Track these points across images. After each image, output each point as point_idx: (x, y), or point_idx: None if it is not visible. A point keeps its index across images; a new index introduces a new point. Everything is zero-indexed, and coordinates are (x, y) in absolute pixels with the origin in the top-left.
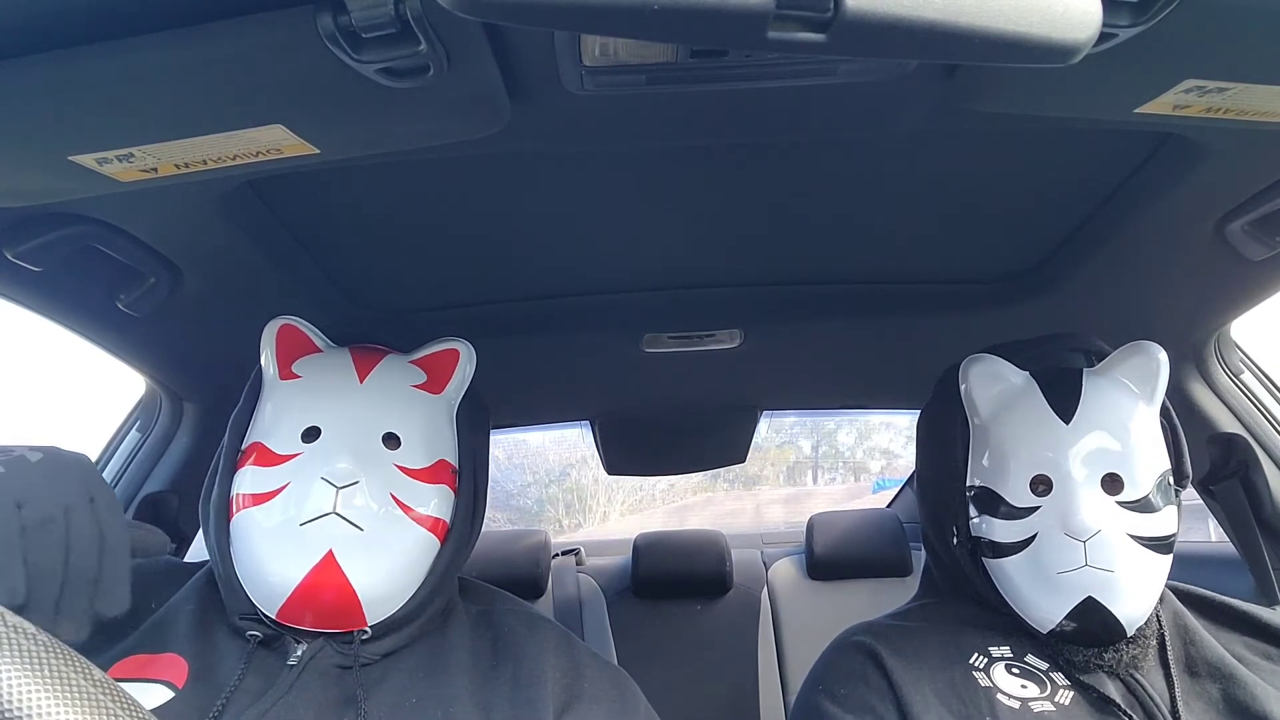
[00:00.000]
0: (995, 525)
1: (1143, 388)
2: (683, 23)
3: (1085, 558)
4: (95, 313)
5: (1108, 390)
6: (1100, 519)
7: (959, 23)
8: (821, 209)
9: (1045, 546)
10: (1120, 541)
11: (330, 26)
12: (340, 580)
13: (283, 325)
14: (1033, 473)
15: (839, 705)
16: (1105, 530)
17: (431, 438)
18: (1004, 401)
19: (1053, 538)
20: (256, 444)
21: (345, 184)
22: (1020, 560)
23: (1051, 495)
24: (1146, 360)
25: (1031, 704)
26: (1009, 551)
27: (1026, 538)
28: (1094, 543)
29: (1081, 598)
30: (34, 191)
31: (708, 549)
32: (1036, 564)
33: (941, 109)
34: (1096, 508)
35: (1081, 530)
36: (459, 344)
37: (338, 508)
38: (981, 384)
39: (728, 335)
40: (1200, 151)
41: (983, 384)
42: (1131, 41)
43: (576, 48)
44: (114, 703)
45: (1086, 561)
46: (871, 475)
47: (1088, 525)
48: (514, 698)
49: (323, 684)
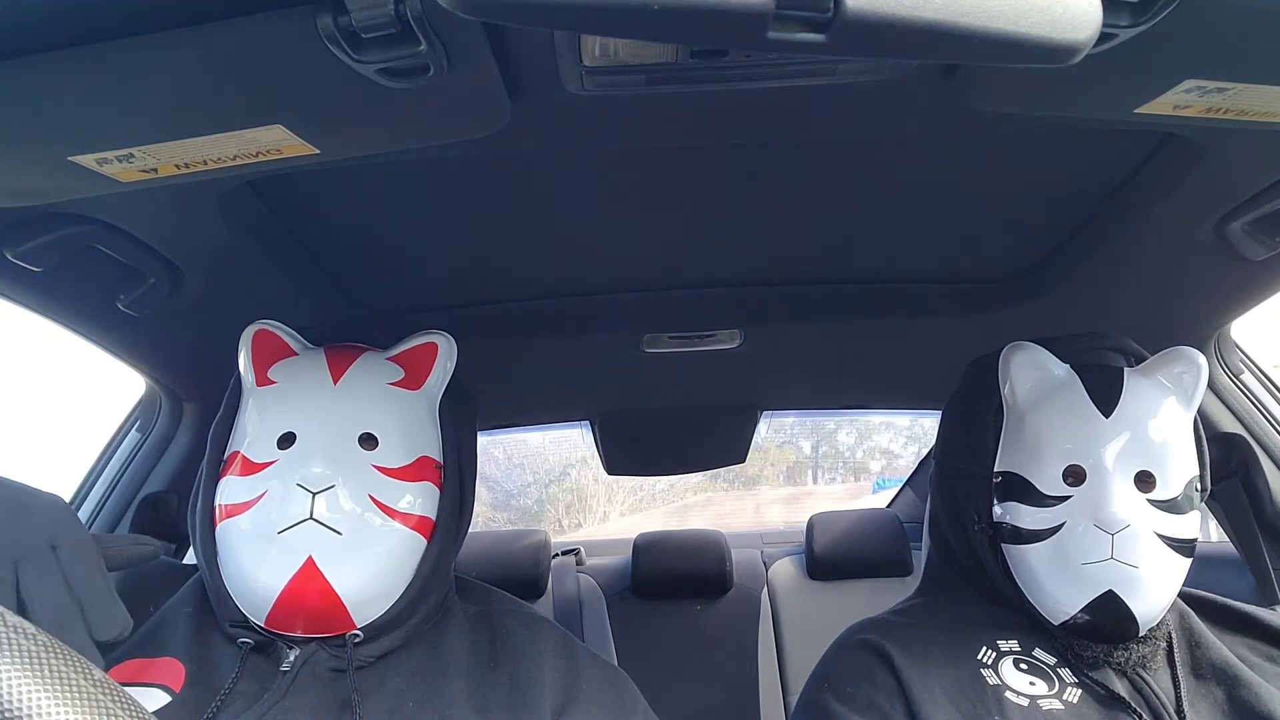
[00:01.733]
0: (1021, 512)
1: (1183, 393)
2: (683, 23)
3: (1112, 551)
4: (95, 313)
5: (1149, 390)
6: (1131, 514)
7: (959, 23)
8: (822, 209)
9: (1072, 536)
10: (1147, 538)
11: (330, 26)
12: (322, 586)
13: (258, 330)
14: (1067, 462)
15: (845, 703)
16: (1135, 525)
17: (411, 435)
18: (1043, 391)
19: (1081, 528)
20: (236, 453)
21: (345, 184)
22: (1044, 548)
23: (1084, 486)
24: (1189, 366)
25: (1040, 701)
26: (1033, 539)
27: (1053, 526)
28: (1122, 537)
29: (1102, 590)
30: (34, 191)
31: (708, 549)
32: (1061, 553)
33: (941, 109)
34: (1128, 502)
35: (1112, 523)
36: (438, 337)
37: (314, 513)
38: (1023, 371)
39: (728, 335)
40: (1200, 151)
41: (1024, 371)
42: (1131, 41)
43: (576, 48)
44: (114, 703)
45: (1112, 555)
46: (871, 475)
47: (1119, 518)
48: (512, 700)
49: (318, 688)
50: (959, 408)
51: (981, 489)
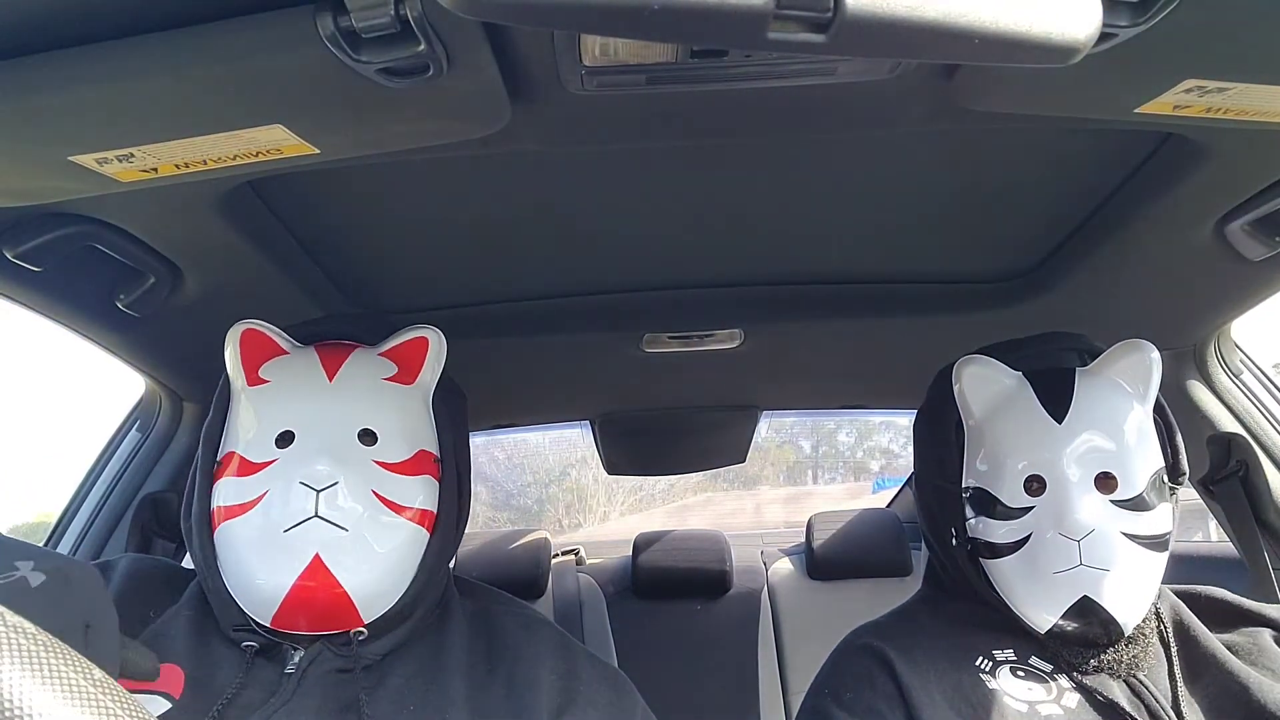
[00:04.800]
0: (991, 526)
1: (1136, 386)
2: (683, 23)
3: (1080, 557)
4: (95, 313)
5: (1100, 389)
6: (1094, 518)
7: (959, 23)
8: (822, 209)
9: (1040, 546)
10: (1115, 540)
11: (330, 27)
12: (330, 583)
13: (245, 330)
14: (1027, 473)
15: (845, 709)
16: (1100, 529)
17: (409, 429)
18: (997, 402)
19: (1047, 537)
20: (231, 454)
21: (345, 184)
22: (1015, 560)
23: (1045, 495)
24: (1139, 359)
25: (1038, 706)
26: (1005, 552)
27: (1021, 538)
28: (1088, 542)
29: (1077, 597)
30: (34, 191)
31: (708, 549)
32: (1032, 564)
33: (941, 109)
34: (1090, 507)
35: (1076, 529)
36: (427, 331)
37: (319, 511)
38: (974, 385)
39: (728, 335)
40: (1200, 151)
41: (975, 385)
42: (1131, 41)
43: (576, 48)
44: (114, 703)
45: (1081, 561)
46: (871, 475)
47: (1082, 524)
48: (509, 703)
49: (323, 690)
50: (924, 424)
51: (955, 504)
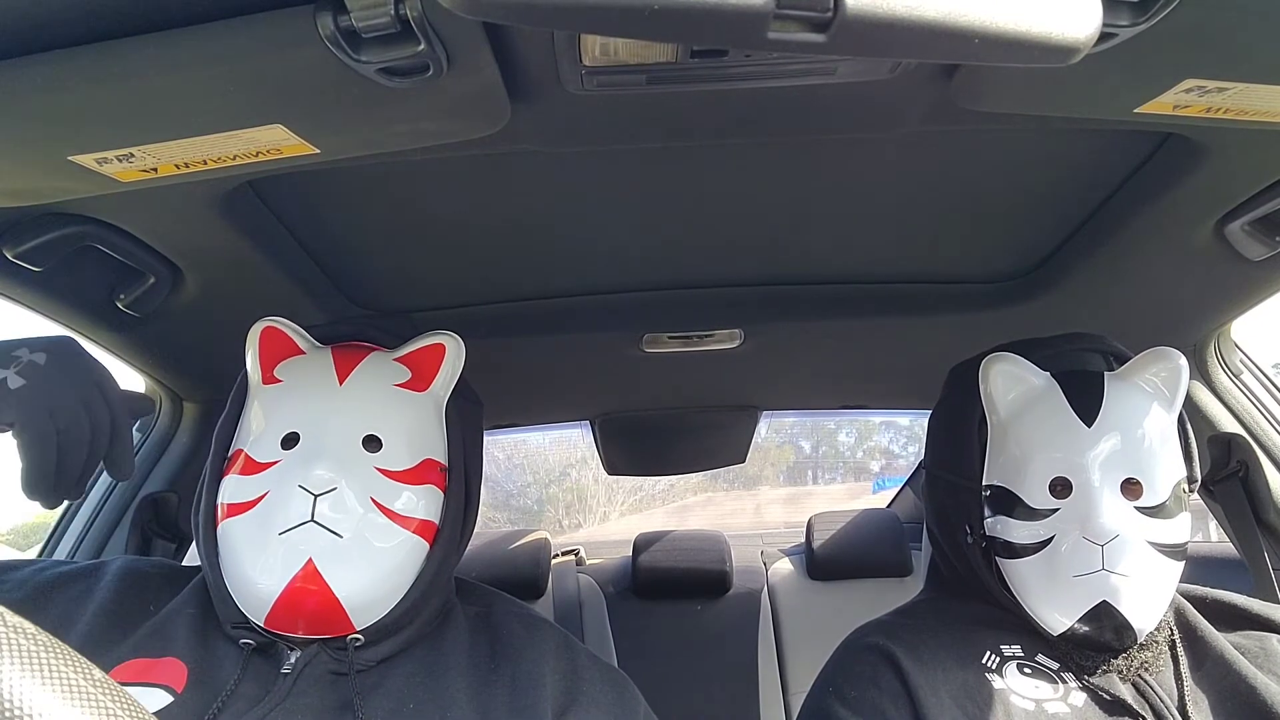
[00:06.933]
0: (1011, 526)
1: (1164, 394)
2: (683, 23)
3: (1103, 562)
4: (95, 313)
5: (1130, 395)
6: (1119, 523)
7: (959, 23)
8: (821, 209)
9: (1062, 549)
10: (1138, 547)
11: (330, 26)
12: (322, 588)
13: (266, 327)
14: (1052, 475)
15: (849, 708)
16: (1124, 535)
17: (416, 437)
18: (1024, 402)
19: (1070, 541)
20: (239, 451)
21: (345, 184)
22: (1035, 562)
23: (1071, 498)
24: (1169, 366)
25: (1045, 704)
26: (1024, 553)
27: (1043, 539)
28: (1112, 547)
29: (1096, 601)
30: (34, 191)
31: (708, 549)
32: (1052, 566)
33: (942, 109)
34: (1116, 512)
35: (1101, 534)
36: (445, 338)
37: (316, 515)
38: (1003, 383)
39: (728, 335)
40: (1200, 151)
41: (1004, 383)
42: (1131, 41)
43: (576, 48)
44: (114, 703)
45: (1104, 565)
46: (871, 475)
47: (1108, 529)
48: (512, 702)
49: (319, 691)
50: (943, 419)
51: (972, 502)
